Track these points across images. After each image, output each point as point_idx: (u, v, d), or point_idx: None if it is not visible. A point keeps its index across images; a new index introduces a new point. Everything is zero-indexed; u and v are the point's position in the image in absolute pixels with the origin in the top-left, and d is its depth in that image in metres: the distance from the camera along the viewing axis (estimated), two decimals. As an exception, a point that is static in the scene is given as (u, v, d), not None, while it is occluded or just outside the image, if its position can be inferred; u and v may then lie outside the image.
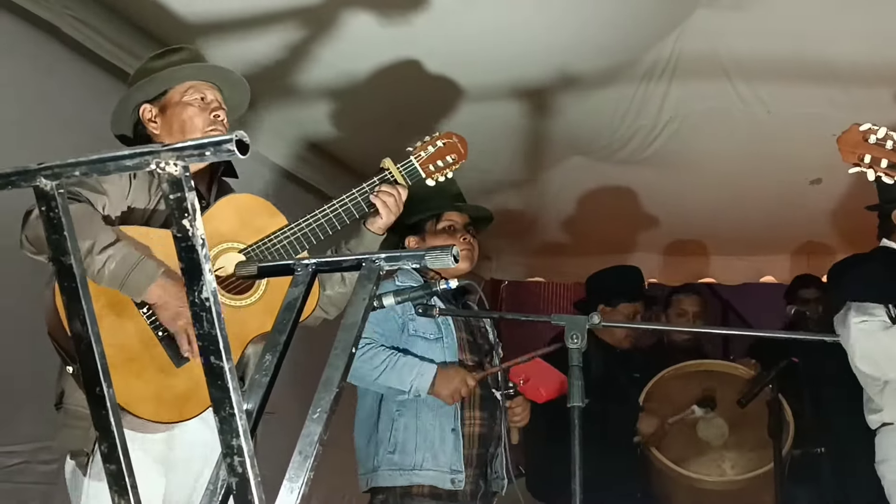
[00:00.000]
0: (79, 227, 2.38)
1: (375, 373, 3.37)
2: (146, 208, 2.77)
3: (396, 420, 3.47)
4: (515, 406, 3.57)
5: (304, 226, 2.87)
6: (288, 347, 1.79)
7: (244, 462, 1.41)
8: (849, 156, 2.72)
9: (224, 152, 1.27)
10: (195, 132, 2.86)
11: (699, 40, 4.47)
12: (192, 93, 2.92)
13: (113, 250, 2.50)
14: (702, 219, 6.34)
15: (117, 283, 2.52)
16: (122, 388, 2.41)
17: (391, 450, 3.44)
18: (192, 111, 2.89)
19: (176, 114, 2.89)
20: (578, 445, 2.34)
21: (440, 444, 3.44)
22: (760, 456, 4.55)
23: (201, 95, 2.92)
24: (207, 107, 2.92)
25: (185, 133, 2.86)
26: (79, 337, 1.49)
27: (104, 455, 1.53)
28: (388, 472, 3.43)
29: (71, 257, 1.45)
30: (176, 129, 2.88)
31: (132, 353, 2.56)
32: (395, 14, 3.88)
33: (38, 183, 1.42)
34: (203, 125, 2.88)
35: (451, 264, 1.82)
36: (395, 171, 3.08)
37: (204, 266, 1.35)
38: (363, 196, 2.99)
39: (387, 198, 3.02)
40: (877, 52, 4.31)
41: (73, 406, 2.58)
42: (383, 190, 3.02)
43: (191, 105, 2.90)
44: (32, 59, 3.55)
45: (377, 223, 3.03)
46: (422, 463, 3.41)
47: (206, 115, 2.90)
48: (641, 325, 5.44)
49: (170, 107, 2.91)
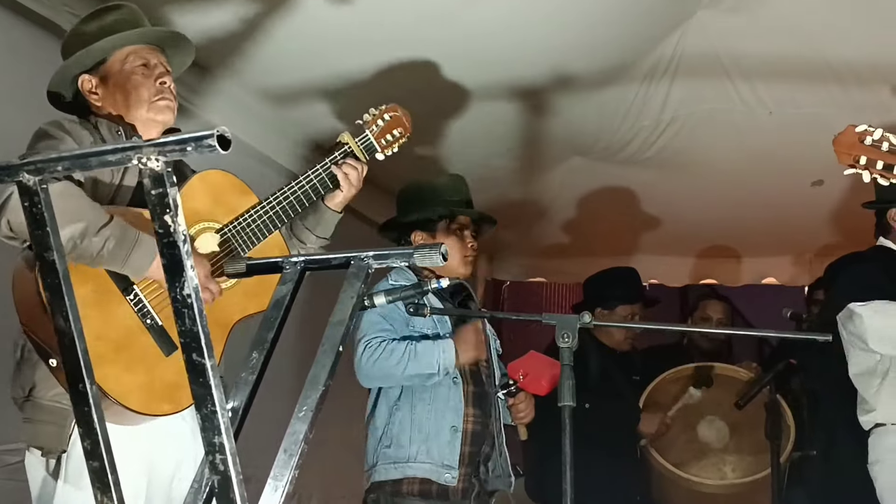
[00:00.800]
0: (67, 207, 2.36)
1: (401, 366, 3.36)
2: (112, 183, 2.67)
3: (393, 415, 3.47)
4: (519, 402, 3.55)
5: (276, 203, 2.82)
6: (275, 345, 1.78)
7: (226, 460, 1.40)
8: (845, 157, 2.71)
9: (205, 148, 1.27)
10: (142, 103, 2.74)
11: (701, 41, 4.46)
12: (133, 59, 2.77)
13: (109, 230, 2.41)
14: (703, 220, 6.32)
15: (119, 263, 2.45)
16: (114, 380, 2.40)
17: (387, 444, 3.44)
18: (137, 80, 2.75)
19: (119, 84, 2.75)
20: (570, 445, 2.32)
21: (435, 437, 3.43)
22: (761, 459, 4.53)
23: (143, 61, 2.78)
24: (152, 73, 2.77)
25: (129, 104, 2.74)
26: (62, 332, 1.49)
27: (87, 452, 1.53)
28: (383, 466, 3.44)
29: (54, 253, 1.45)
30: (120, 100, 2.75)
31: (121, 343, 2.49)
32: (396, 14, 3.87)
33: (20, 178, 1.41)
34: (149, 95, 2.75)
35: (440, 262, 1.81)
36: (354, 145, 3.04)
37: (186, 262, 1.35)
38: (327, 171, 2.95)
39: (350, 171, 2.99)
40: (878, 52, 4.29)
41: (48, 401, 2.48)
42: (348, 163, 2.99)
43: (134, 74, 2.75)
44: (31, 56, 3.55)
45: (336, 198, 3.00)
46: (416, 455, 3.41)
47: (150, 82, 2.76)
48: (632, 326, 5.43)
49: (111, 76, 2.77)
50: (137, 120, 2.76)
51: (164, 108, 2.76)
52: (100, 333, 2.43)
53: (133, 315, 2.54)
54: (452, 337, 3.48)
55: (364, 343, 3.36)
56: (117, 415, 2.42)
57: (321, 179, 2.94)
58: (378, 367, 3.35)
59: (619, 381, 4.94)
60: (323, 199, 3.00)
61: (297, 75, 4.29)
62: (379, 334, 3.40)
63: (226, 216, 2.75)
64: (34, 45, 3.53)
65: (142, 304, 2.56)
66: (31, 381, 2.51)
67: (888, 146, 2.66)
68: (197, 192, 2.72)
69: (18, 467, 3.26)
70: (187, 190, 2.69)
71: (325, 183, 2.94)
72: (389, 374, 3.39)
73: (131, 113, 2.75)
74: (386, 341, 3.39)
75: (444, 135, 5.08)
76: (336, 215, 3.04)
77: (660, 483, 4.90)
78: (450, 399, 3.49)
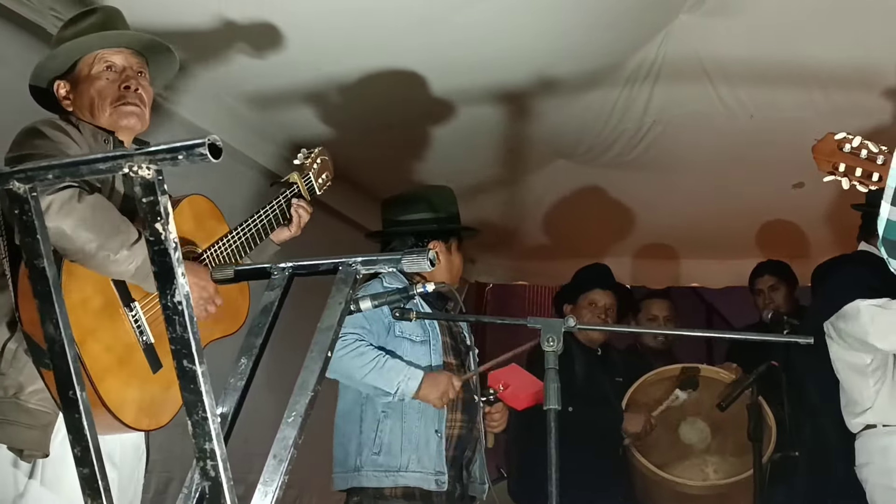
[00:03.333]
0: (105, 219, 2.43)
1: (363, 371, 3.36)
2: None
3: (382, 422, 3.47)
4: (494, 412, 3.60)
5: (244, 233, 2.88)
6: (264, 351, 1.79)
7: (217, 466, 1.41)
8: (824, 164, 2.73)
9: (197, 156, 1.28)
10: (105, 108, 2.72)
11: (683, 44, 4.48)
12: (99, 63, 2.75)
13: (140, 247, 2.45)
14: (685, 222, 6.35)
15: (142, 279, 2.50)
16: (114, 392, 2.43)
17: (376, 451, 3.44)
18: (101, 85, 2.73)
19: (85, 90, 2.74)
20: (555, 448, 2.34)
21: (425, 447, 3.45)
22: (744, 460, 4.56)
23: (108, 64, 2.76)
24: (118, 77, 2.76)
25: (94, 111, 2.72)
26: (52, 340, 1.49)
27: (77, 458, 1.53)
28: (372, 473, 3.43)
29: (44, 260, 1.46)
30: (86, 106, 2.74)
31: (123, 357, 2.53)
32: (378, 18, 3.88)
33: (10, 186, 1.42)
34: (112, 98, 2.72)
35: (428, 268, 1.82)
36: (301, 185, 3.15)
37: (177, 269, 1.35)
38: (280, 207, 3.03)
39: (303, 213, 3.09)
40: (859, 57, 4.33)
41: (34, 406, 2.46)
42: (302, 206, 3.09)
43: (98, 79, 2.74)
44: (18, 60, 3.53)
45: (283, 234, 3.08)
46: (407, 465, 3.42)
47: (115, 86, 2.74)
48: (616, 329, 5.45)
49: (80, 81, 2.75)
50: (104, 125, 2.75)
51: (127, 112, 2.74)
52: (108, 345, 2.46)
53: (131, 331, 2.58)
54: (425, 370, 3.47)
55: (341, 336, 3.37)
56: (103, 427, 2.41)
57: (275, 214, 3.01)
58: (342, 363, 3.35)
59: (602, 384, 4.96)
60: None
61: (280, 79, 4.29)
62: (355, 331, 3.40)
63: (204, 241, 2.81)
64: (21, 49, 3.52)
65: (139, 321, 2.58)
66: (17, 383, 2.49)
67: (867, 153, 2.67)
68: (184, 214, 2.76)
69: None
70: (178, 212, 2.72)
71: (278, 218, 3.03)
72: (350, 374, 3.40)
73: (97, 118, 2.74)
74: (360, 341, 3.40)
75: (427, 138, 5.09)
76: (276, 248, 3.12)
77: (643, 484, 4.92)
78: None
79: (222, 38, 3.85)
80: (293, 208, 3.06)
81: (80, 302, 2.44)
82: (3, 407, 2.49)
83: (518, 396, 3.46)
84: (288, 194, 3.07)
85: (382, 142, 5.06)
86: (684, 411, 4.95)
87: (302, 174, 3.16)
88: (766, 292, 5.46)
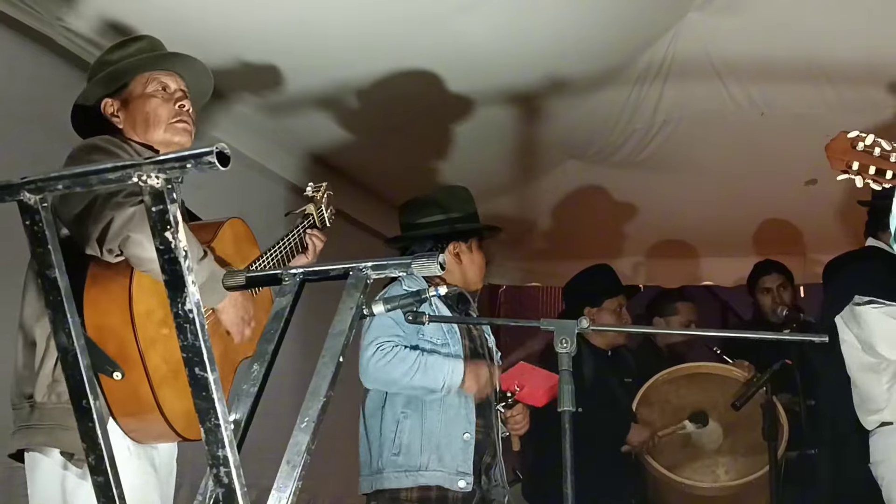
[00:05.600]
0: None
1: (409, 375, 3.36)
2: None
3: (401, 422, 3.46)
4: (516, 414, 3.57)
5: (271, 257, 3.00)
6: (276, 357, 1.79)
7: (230, 472, 1.41)
8: (837, 163, 2.72)
9: (205, 164, 1.28)
10: (160, 124, 2.82)
11: (692, 43, 4.48)
12: (153, 83, 2.85)
13: (208, 262, 2.51)
14: (698, 221, 6.34)
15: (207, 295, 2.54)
16: (169, 402, 2.49)
17: (395, 451, 3.43)
18: (156, 102, 2.83)
19: (139, 107, 2.83)
20: (570, 450, 2.33)
21: (447, 446, 3.44)
22: (755, 460, 4.54)
23: (163, 85, 2.86)
24: (171, 97, 2.86)
25: (149, 126, 2.82)
26: (65, 349, 1.50)
27: (92, 467, 1.54)
28: (393, 473, 3.42)
29: (55, 270, 1.46)
30: (140, 122, 2.82)
31: (177, 368, 2.53)
32: (390, 22, 3.88)
33: (21, 197, 1.42)
34: (168, 116, 2.83)
35: (438, 272, 1.82)
36: (316, 216, 3.33)
37: (187, 278, 1.36)
38: (299, 236, 3.20)
39: (319, 243, 3.25)
40: (869, 53, 4.32)
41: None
42: (317, 235, 3.26)
43: (153, 96, 2.84)
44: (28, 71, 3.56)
45: (300, 261, 3.18)
46: (427, 464, 3.41)
47: (170, 105, 2.84)
48: (630, 329, 5.43)
49: (132, 100, 2.85)
50: (155, 141, 2.84)
51: (181, 129, 2.85)
52: (166, 357, 2.50)
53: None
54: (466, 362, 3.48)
55: (375, 345, 3.37)
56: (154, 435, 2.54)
57: (295, 244, 3.16)
58: (386, 371, 3.36)
59: (613, 385, 4.94)
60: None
61: (293, 85, 4.30)
62: (391, 339, 3.40)
63: (240, 264, 2.88)
64: (31, 61, 3.55)
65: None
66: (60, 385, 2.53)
67: (879, 151, 2.66)
68: (226, 238, 2.84)
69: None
70: (221, 235, 2.81)
71: (297, 246, 3.18)
72: (395, 380, 3.39)
73: (150, 134, 2.83)
74: (398, 347, 3.40)
75: (439, 141, 5.10)
76: None
77: (654, 487, 4.90)
78: (461, 408, 3.50)
79: (233, 46, 3.87)
80: (308, 237, 3.22)
81: (146, 313, 2.49)
82: (55, 412, 2.53)
83: (535, 394, 3.44)
84: (305, 224, 3.24)
85: (393, 145, 5.07)
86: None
87: (315, 206, 3.33)
88: (775, 291, 5.44)
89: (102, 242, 2.42)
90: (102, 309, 2.48)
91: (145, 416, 2.47)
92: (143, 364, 2.42)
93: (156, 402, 2.45)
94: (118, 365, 2.45)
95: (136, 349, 2.42)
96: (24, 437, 2.56)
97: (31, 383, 2.56)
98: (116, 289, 2.48)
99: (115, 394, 2.46)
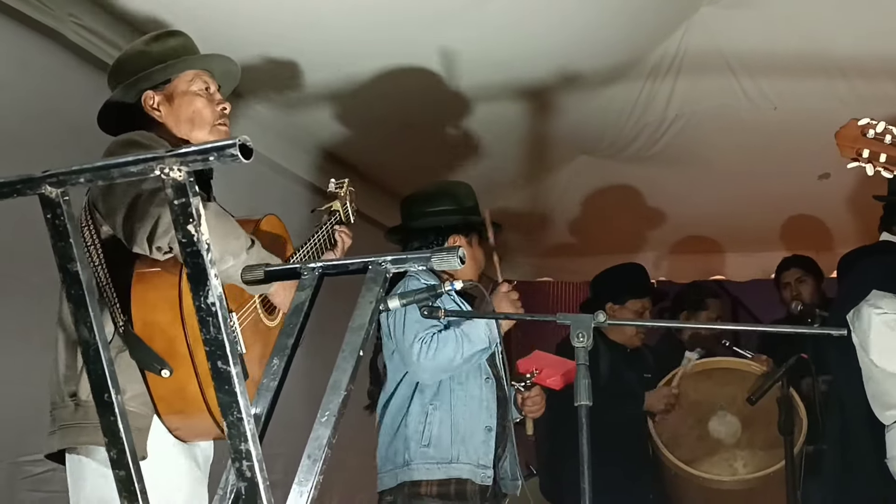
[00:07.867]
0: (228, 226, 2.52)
1: (459, 350, 3.36)
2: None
3: (430, 414, 3.45)
4: (534, 395, 3.57)
5: (304, 253, 3.02)
6: (296, 351, 1.78)
7: (252, 466, 1.41)
8: (847, 151, 2.69)
9: (227, 157, 1.28)
10: (204, 125, 2.85)
11: (704, 37, 4.48)
12: (197, 82, 2.89)
13: (256, 251, 2.52)
14: (709, 216, 6.33)
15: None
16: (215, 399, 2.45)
17: (425, 443, 3.42)
18: (201, 103, 2.87)
19: (184, 104, 2.86)
20: (587, 444, 2.32)
21: (470, 438, 3.44)
22: (773, 454, 4.52)
23: (206, 86, 2.90)
24: (213, 98, 2.90)
25: (194, 125, 2.85)
26: (87, 343, 1.49)
27: (114, 461, 1.54)
28: (424, 465, 3.41)
29: (77, 264, 1.46)
30: (184, 119, 2.85)
31: None
32: (399, 16, 3.88)
33: (42, 191, 1.42)
34: (212, 118, 2.87)
35: (458, 266, 1.82)
36: (342, 212, 3.35)
37: (210, 271, 1.35)
38: (327, 232, 3.22)
39: (347, 239, 3.28)
40: (882, 46, 4.31)
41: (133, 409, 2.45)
42: (345, 231, 3.29)
43: (199, 96, 2.87)
44: (39, 66, 3.56)
45: (328, 257, 3.19)
46: (458, 456, 3.42)
47: (213, 106, 2.88)
48: (647, 323, 5.41)
49: (176, 96, 2.87)
50: (198, 141, 2.85)
51: (223, 132, 2.90)
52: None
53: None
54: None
55: (419, 341, 3.37)
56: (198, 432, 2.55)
57: (324, 240, 3.19)
58: (438, 359, 3.35)
59: (631, 380, 4.93)
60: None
61: (306, 82, 4.29)
62: (430, 329, 3.41)
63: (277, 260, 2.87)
64: (42, 56, 3.54)
65: (235, 331, 2.62)
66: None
67: (891, 139, 2.64)
68: (265, 234, 2.85)
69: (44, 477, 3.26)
70: (259, 230, 2.83)
71: (326, 243, 3.20)
72: (451, 360, 3.37)
73: (193, 132, 2.86)
74: (436, 333, 3.40)
75: (450, 135, 5.09)
76: None
77: (673, 481, 4.89)
78: (483, 399, 3.50)
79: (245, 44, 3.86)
80: (337, 234, 3.25)
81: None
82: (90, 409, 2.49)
83: (555, 377, 3.43)
84: (332, 221, 3.26)
85: (402, 140, 5.06)
86: (714, 406, 4.91)
87: (341, 202, 3.35)
88: (792, 285, 5.44)
89: (152, 240, 2.40)
90: (150, 306, 2.47)
91: (192, 414, 2.46)
92: (192, 361, 2.40)
93: (204, 401, 2.43)
94: (166, 362, 2.43)
95: (185, 346, 2.40)
96: (69, 435, 2.53)
97: (74, 381, 2.53)
98: (165, 286, 2.47)
99: (160, 391, 2.45)
